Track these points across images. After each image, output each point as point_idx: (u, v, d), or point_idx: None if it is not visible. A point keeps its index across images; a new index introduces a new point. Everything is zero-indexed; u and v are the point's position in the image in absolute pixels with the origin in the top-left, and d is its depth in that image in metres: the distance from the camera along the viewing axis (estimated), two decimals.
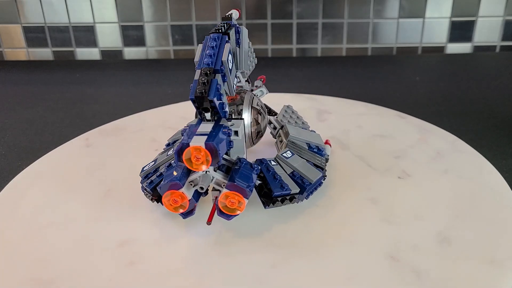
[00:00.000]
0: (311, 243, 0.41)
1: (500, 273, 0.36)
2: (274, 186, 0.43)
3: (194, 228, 0.43)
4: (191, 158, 0.37)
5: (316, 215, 0.45)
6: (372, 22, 1.04)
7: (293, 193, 0.44)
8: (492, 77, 0.88)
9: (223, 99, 0.41)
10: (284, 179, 0.45)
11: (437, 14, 1.03)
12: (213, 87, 0.39)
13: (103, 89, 0.88)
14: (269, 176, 0.44)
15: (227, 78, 0.43)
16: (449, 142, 0.58)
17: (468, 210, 0.44)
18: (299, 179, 0.45)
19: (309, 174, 0.46)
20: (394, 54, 1.07)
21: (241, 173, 0.40)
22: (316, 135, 0.54)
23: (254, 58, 0.57)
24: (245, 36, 0.51)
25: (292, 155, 0.49)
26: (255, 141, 0.54)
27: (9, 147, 0.64)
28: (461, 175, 0.51)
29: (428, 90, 0.82)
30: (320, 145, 0.52)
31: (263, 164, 0.46)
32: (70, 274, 0.38)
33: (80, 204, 0.48)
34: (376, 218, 0.44)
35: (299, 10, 1.04)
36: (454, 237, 0.41)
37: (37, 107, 0.79)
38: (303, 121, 0.57)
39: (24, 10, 1.05)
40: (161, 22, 1.05)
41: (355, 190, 0.48)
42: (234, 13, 0.51)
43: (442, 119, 0.69)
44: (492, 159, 0.55)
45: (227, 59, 0.42)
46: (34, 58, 1.10)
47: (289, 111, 0.57)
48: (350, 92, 0.82)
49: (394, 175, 0.51)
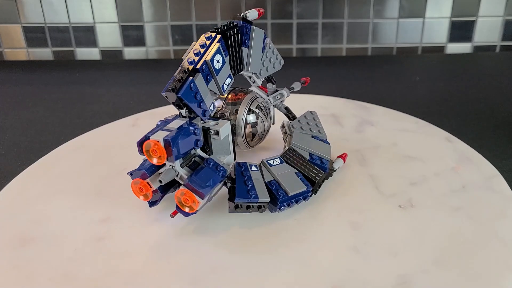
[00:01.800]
0: (259, 252, 0.40)
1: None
2: (239, 192, 0.42)
3: (173, 219, 0.45)
4: (150, 150, 0.39)
5: (288, 228, 0.43)
6: (372, 22, 1.04)
7: (262, 202, 0.42)
8: (492, 77, 0.88)
9: (205, 98, 0.42)
10: (256, 186, 0.43)
11: (437, 14, 1.03)
12: (185, 85, 0.40)
13: (103, 89, 0.88)
14: (239, 180, 0.43)
15: (212, 78, 0.43)
16: (485, 178, 0.50)
17: (454, 260, 0.38)
18: (275, 189, 0.43)
19: (289, 185, 0.44)
20: (394, 54, 1.07)
21: (202, 174, 0.41)
22: (325, 147, 0.51)
23: (279, 59, 0.54)
24: (259, 37, 0.49)
25: (280, 163, 0.47)
26: (253, 144, 0.53)
27: (9, 147, 0.64)
28: (474, 217, 0.44)
29: (428, 90, 0.82)
30: (324, 157, 0.49)
31: (240, 167, 0.44)
32: (46, 236, 0.42)
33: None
34: (346, 245, 0.40)
35: (299, 10, 1.04)
36: (415, 284, 0.36)
37: (37, 107, 0.79)
38: (320, 129, 0.54)
39: (24, 10, 1.05)
40: (161, 22, 1.05)
41: (342, 211, 0.45)
42: (250, 13, 0.49)
43: (442, 119, 0.69)
44: (492, 159, 0.55)
45: (212, 59, 0.42)
46: (34, 58, 1.10)
47: (309, 118, 0.55)
48: (350, 92, 0.82)
49: (396, 203, 0.46)
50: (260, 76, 0.52)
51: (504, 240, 0.40)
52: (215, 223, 0.44)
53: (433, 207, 0.46)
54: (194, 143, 0.41)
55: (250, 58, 0.49)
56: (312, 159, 0.49)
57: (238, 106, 0.51)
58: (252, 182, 0.43)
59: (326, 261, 0.39)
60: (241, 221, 0.44)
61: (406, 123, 0.65)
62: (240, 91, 0.53)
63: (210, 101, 0.43)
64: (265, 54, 0.51)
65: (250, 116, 0.51)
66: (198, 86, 0.41)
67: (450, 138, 0.60)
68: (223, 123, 0.44)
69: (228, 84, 0.45)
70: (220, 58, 0.44)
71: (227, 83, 0.45)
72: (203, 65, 0.42)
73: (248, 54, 0.49)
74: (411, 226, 0.43)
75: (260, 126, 0.52)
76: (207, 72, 0.42)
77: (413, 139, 0.60)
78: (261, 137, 0.54)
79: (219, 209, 0.46)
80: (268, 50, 0.51)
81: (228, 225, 0.44)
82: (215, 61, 0.43)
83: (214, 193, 0.43)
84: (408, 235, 0.42)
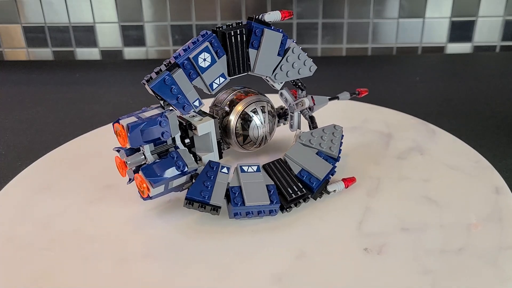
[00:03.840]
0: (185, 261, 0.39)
1: None
2: (192, 190, 0.42)
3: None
4: (117, 132, 0.43)
5: (241, 241, 0.42)
6: (372, 22, 1.04)
7: (213, 203, 0.42)
8: (492, 77, 0.88)
9: (186, 93, 0.43)
10: (215, 188, 0.42)
11: (437, 14, 1.03)
12: (159, 78, 0.42)
13: (103, 89, 0.88)
14: (199, 179, 0.43)
15: (197, 75, 0.44)
16: (498, 248, 0.40)
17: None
18: (233, 196, 0.43)
19: (249, 195, 0.43)
20: (394, 54, 1.07)
21: (159, 164, 0.42)
22: (323, 165, 0.47)
23: (307, 65, 0.51)
24: (273, 40, 0.47)
25: (256, 171, 0.45)
26: (247, 147, 0.52)
27: (9, 147, 0.64)
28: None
29: (428, 90, 0.82)
30: (315, 176, 0.46)
31: (211, 168, 0.44)
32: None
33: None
34: (273, 273, 0.38)
35: (299, 10, 1.04)
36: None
37: (37, 107, 0.79)
38: (333, 147, 0.49)
39: (24, 10, 1.05)
40: (161, 22, 1.05)
41: (295, 237, 0.42)
42: (268, 16, 0.47)
43: (442, 119, 0.68)
44: (492, 159, 0.55)
45: (197, 57, 0.43)
46: (34, 58, 1.10)
47: (328, 131, 0.51)
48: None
49: (362, 246, 0.40)
50: (275, 80, 0.50)
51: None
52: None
53: (399, 261, 0.39)
54: (160, 134, 0.42)
55: (257, 60, 0.47)
56: (301, 175, 0.46)
57: (225, 105, 0.51)
58: (212, 183, 0.43)
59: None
60: (199, 217, 0.44)
61: (461, 159, 0.55)
62: (250, 91, 0.52)
63: (195, 96, 0.44)
64: (286, 59, 0.49)
65: (241, 119, 0.50)
66: (178, 81, 0.43)
67: (501, 189, 0.48)
68: (206, 120, 0.46)
69: (219, 83, 0.46)
70: (208, 57, 0.44)
71: (218, 82, 0.46)
72: (185, 61, 0.43)
73: (256, 56, 0.47)
74: (354, 273, 0.37)
75: (253, 130, 0.51)
76: (189, 69, 0.43)
77: (451, 179, 0.51)
78: (256, 142, 0.52)
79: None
80: (291, 54, 0.49)
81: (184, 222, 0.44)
82: (200, 59, 0.44)
83: (177, 185, 0.44)
84: (346, 282, 0.37)
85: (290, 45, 0.49)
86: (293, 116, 0.55)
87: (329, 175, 0.47)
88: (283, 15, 0.49)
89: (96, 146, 0.61)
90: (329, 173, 0.47)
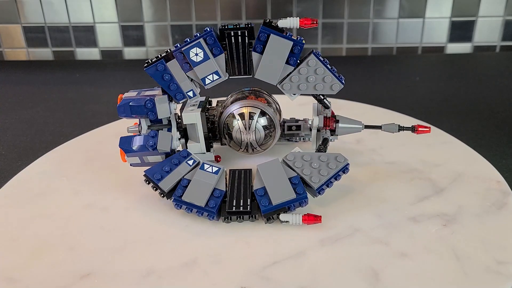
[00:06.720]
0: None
1: None
2: (152, 168, 0.46)
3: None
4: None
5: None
6: (372, 22, 1.04)
7: (160, 186, 0.45)
8: (492, 77, 0.88)
9: (180, 83, 0.46)
10: (170, 175, 0.45)
11: (437, 14, 1.03)
12: (153, 64, 0.46)
13: (103, 89, 0.88)
14: (164, 162, 0.46)
15: (189, 67, 0.46)
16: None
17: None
18: (179, 186, 0.44)
19: (189, 191, 0.43)
20: (394, 54, 1.07)
21: (138, 138, 0.47)
22: (286, 192, 0.42)
23: (328, 82, 0.47)
24: (279, 47, 0.45)
25: (214, 172, 0.45)
26: (234, 147, 0.52)
27: (9, 147, 0.64)
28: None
29: (428, 90, 0.82)
30: (268, 199, 0.42)
31: (181, 156, 0.46)
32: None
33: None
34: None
35: (299, 10, 1.04)
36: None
37: (37, 107, 0.79)
38: (315, 177, 0.44)
39: (24, 10, 1.05)
40: (161, 22, 1.05)
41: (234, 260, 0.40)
42: (282, 22, 0.45)
43: (442, 119, 0.68)
44: (492, 159, 0.55)
45: (188, 50, 0.45)
46: (34, 58, 1.10)
47: (324, 160, 0.45)
48: (350, 92, 0.82)
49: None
50: (284, 90, 0.47)
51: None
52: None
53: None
54: (146, 113, 0.47)
55: (260, 65, 0.46)
56: (257, 192, 0.43)
57: (227, 106, 0.51)
58: (171, 169, 0.45)
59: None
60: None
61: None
62: (260, 95, 0.52)
63: (189, 87, 0.47)
64: (298, 70, 0.46)
65: (230, 118, 0.50)
66: (171, 69, 0.46)
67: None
68: (193, 111, 0.49)
69: (212, 79, 0.47)
70: (200, 52, 0.45)
71: (211, 78, 0.46)
72: (178, 53, 0.45)
73: (259, 60, 0.46)
74: None
75: (236, 133, 0.50)
76: (182, 60, 0.46)
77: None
78: (240, 146, 0.51)
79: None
80: (305, 67, 0.46)
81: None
82: (192, 53, 0.45)
83: (153, 162, 0.48)
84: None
85: (309, 57, 0.46)
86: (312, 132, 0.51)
87: (292, 204, 0.42)
88: (304, 23, 0.45)
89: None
90: (291, 202, 0.42)
